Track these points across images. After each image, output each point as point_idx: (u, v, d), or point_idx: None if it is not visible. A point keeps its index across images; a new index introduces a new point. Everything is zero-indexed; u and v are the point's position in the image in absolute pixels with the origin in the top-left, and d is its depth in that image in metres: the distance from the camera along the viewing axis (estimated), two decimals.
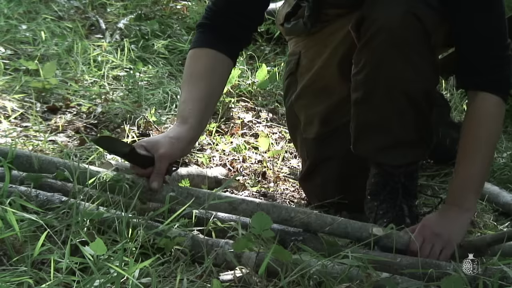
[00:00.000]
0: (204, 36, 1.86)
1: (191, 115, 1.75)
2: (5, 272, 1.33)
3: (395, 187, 1.85)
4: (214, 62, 1.83)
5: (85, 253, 1.35)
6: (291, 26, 2.09)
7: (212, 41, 1.84)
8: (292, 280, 1.43)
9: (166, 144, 1.68)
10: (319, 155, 2.07)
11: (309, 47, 2.09)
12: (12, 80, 2.67)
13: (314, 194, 2.10)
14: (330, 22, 2.02)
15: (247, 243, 1.48)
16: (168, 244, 1.52)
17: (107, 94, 2.70)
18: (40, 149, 2.16)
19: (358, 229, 1.67)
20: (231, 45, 1.85)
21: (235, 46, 1.87)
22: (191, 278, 1.44)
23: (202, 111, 1.78)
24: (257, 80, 2.99)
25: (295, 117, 2.14)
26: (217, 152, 2.44)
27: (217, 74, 1.83)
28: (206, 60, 1.83)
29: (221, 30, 1.84)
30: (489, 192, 2.10)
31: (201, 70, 1.82)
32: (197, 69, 1.83)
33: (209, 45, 1.84)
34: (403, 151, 1.83)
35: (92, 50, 3.06)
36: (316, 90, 2.07)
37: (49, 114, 2.51)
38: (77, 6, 3.77)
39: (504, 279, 1.45)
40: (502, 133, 2.71)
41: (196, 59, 1.85)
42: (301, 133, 2.12)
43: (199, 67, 1.83)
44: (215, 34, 1.84)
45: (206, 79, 1.81)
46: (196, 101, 1.78)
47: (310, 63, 2.09)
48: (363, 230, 1.67)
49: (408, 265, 1.55)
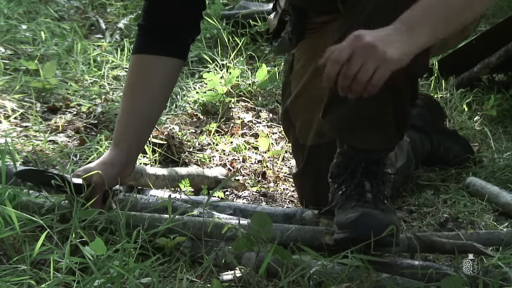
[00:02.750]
0: (141, 40, 1.79)
1: (123, 138, 1.72)
2: (5, 272, 1.33)
3: (355, 169, 1.64)
4: (152, 69, 1.75)
5: (85, 253, 1.35)
6: (278, 44, 2.01)
7: (150, 44, 1.76)
8: (292, 280, 1.43)
9: (100, 171, 1.65)
10: (313, 161, 2.02)
11: (302, 50, 2.02)
12: (12, 80, 2.67)
13: (306, 193, 2.07)
14: (318, 30, 1.94)
15: (247, 243, 1.48)
16: (168, 244, 1.52)
17: (107, 94, 2.70)
18: (40, 149, 2.16)
19: (310, 239, 1.59)
20: (174, 44, 1.77)
21: (179, 42, 1.79)
22: (191, 278, 1.44)
23: (138, 130, 1.74)
24: (257, 80, 2.99)
25: (290, 123, 2.07)
26: (217, 152, 2.44)
27: (157, 81, 1.75)
28: (144, 69, 1.76)
29: (160, 30, 1.76)
30: (489, 192, 2.10)
31: (138, 81, 1.76)
32: (134, 80, 1.77)
33: (147, 51, 1.76)
34: (365, 133, 1.62)
35: (92, 50, 3.06)
36: (309, 99, 1.98)
37: (49, 114, 2.51)
38: (77, 6, 3.77)
39: (505, 280, 1.45)
40: (503, 133, 2.71)
41: (134, 68, 1.78)
42: (296, 138, 2.07)
43: (136, 77, 1.76)
44: (154, 35, 1.76)
45: (144, 90, 1.74)
46: (131, 120, 1.73)
47: (302, 69, 2.01)
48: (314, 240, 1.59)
49: (408, 266, 1.54)
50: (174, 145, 2.36)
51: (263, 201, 2.14)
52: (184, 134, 2.48)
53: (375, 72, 1.38)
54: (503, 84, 3.21)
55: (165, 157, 2.31)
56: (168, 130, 2.41)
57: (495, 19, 4.03)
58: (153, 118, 1.82)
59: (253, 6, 3.63)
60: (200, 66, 3.15)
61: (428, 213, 2.05)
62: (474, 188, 2.17)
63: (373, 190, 1.60)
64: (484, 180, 2.21)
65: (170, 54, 1.77)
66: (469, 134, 2.71)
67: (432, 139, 2.36)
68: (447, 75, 3.12)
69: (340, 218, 1.57)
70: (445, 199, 2.15)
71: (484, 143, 2.64)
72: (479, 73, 3.08)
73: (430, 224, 1.96)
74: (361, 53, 1.38)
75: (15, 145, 2.13)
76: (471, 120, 2.86)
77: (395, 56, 1.39)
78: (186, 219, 1.58)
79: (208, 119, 2.69)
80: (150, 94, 1.76)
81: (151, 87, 1.76)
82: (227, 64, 3.04)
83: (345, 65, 1.39)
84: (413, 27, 1.43)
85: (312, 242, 1.57)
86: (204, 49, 3.21)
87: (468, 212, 2.03)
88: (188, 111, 2.72)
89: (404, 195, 2.18)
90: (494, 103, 2.93)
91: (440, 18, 1.45)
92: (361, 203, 1.57)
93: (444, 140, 2.39)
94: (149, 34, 1.78)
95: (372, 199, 1.58)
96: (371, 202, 1.58)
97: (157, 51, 1.76)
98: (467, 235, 1.67)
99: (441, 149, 2.37)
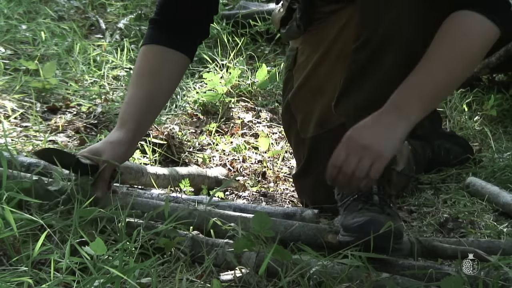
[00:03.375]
0: (153, 32, 1.83)
1: (130, 118, 1.74)
2: (5, 272, 1.33)
3: None
4: (162, 59, 1.79)
5: (83, 254, 1.35)
6: (286, 31, 2.05)
7: (162, 37, 1.80)
8: (292, 280, 1.43)
9: (107, 150, 1.66)
10: (315, 154, 2.03)
11: (306, 43, 2.05)
12: (12, 80, 2.67)
13: (306, 193, 2.08)
14: (325, 19, 1.98)
15: (247, 243, 1.48)
16: (168, 244, 1.52)
17: (107, 94, 2.70)
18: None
19: (313, 236, 1.60)
20: (184, 40, 1.81)
21: (189, 40, 1.83)
22: (191, 278, 1.44)
23: (144, 113, 1.76)
24: (257, 80, 2.99)
25: (291, 117, 2.09)
26: (217, 152, 2.44)
27: (166, 72, 1.79)
28: (154, 58, 1.80)
29: (172, 25, 1.80)
30: (489, 192, 2.10)
31: (148, 69, 1.79)
32: (144, 67, 1.80)
33: (159, 42, 1.80)
34: None
35: (92, 50, 3.06)
36: (311, 89, 2.02)
37: (49, 114, 2.51)
38: (77, 6, 3.77)
39: (506, 280, 1.45)
40: (503, 133, 2.71)
41: (144, 57, 1.81)
42: (297, 133, 2.09)
43: (146, 65, 1.80)
44: (166, 29, 1.80)
45: (153, 78, 1.78)
46: (138, 102, 1.76)
47: (306, 59, 2.05)
48: (317, 238, 1.60)
49: (409, 266, 1.55)
50: (174, 145, 2.36)
51: (263, 201, 2.14)
52: (184, 134, 2.48)
53: (371, 168, 1.47)
54: (503, 84, 3.21)
55: (165, 157, 2.31)
56: (168, 130, 2.41)
57: None
58: (159, 106, 1.85)
59: (253, 6, 3.64)
60: (200, 66, 3.15)
61: (428, 213, 2.05)
62: (474, 188, 2.17)
63: (380, 192, 1.62)
64: (484, 180, 2.21)
65: (179, 48, 1.80)
66: (469, 134, 2.71)
67: (433, 146, 2.36)
68: None
69: (346, 220, 1.59)
70: (445, 199, 2.15)
71: (484, 143, 2.64)
72: (479, 73, 3.08)
73: (430, 224, 1.96)
74: (356, 153, 1.47)
75: (15, 145, 2.13)
76: (471, 120, 2.86)
77: (388, 151, 1.48)
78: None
79: (208, 119, 2.69)
80: (159, 82, 1.79)
81: (160, 76, 1.79)
82: (227, 64, 3.04)
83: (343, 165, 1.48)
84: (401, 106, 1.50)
85: (315, 239, 1.59)
86: (204, 49, 3.21)
87: (468, 212, 2.03)
88: (188, 111, 2.72)
89: (404, 195, 2.18)
90: (494, 103, 2.93)
91: (428, 92, 1.51)
92: (368, 206, 1.60)
93: (443, 143, 2.40)
94: (161, 27, 1.82)
95: (378, 202, 1.61)
96: (378, 205, 1.60)
97: (168, 43, 1.79)
98: (468, 243, 1.67)
99: (442, 153, 2.38)
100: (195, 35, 1.85)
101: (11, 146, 1.89)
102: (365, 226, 1.52)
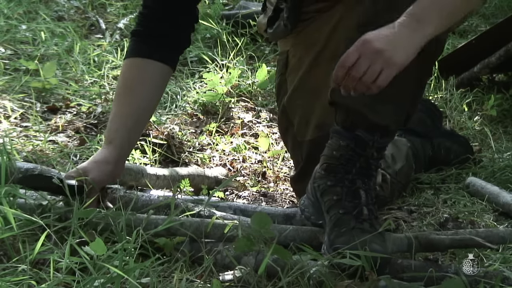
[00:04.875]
0: (135, 45, 1.84)
1: (117, 135, 1.75)
2: (5, 272, 1.33)
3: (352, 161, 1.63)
4: (145, 72, 1.80)
5: (82, 254, 1.35)
6: (273, 31, 2.04)
7: (143, 48, 1.82)
8: (292, 280, 1.43)
9: (94, 170, 1.67)
10: (313, 157, 2.01)
11: (297, 45, 2.03)
12: (12, 80, 2.67)
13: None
14: (312, 19, 1.96)
15: (247, 243, 1.48)
16: (168, 244, 1.52)
17: (107, 94, 2.70)
18: (40, 149, 2.16)
19: (308, 239, 1.60)
20: (165, 50, 1.82)
21: (171, 50, 1.85)
22: (191, 278, 1.44)
23: (130, 129, 1.77)
24: (257, 80, 2.99)
25: (287, 120, 2.06)
26: (217, 152, 2.44)
27: (149, 85, 1.81)
28: (137, 71, 1.81)
29: (154, 35, 1.82)
30: (489, 192, 2.10)
31: (130, 83, 1.81)
32: (127, 82, 1.82)
33: (140, 54, 1.82)
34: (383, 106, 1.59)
35: (92, 50, 3.06)
36: (307, 91, 1.99)
37: (49, 114, 2.51)
38: (77, 6, 3.77)
39: (506, 280, 1.45)
40: (503, 133, 2.71)
41: (127, 71, 1.83)
42: (294, 136, 2.07)
43: (129, 80, 1.82)
44: (147, 40, 1.82)
45: (136, 92, 1.79)
46: (124, 119, 1.77)
47: (299, 61, 2.02)
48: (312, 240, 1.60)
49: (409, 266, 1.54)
50: (174, 145, 2.36)
51: (263, 201, 2.14)
52: (184, 134, 2.48)
53: (380, 74, 1.42)
54: (503, 84, 3.21)
55: (165, 157, 2.31)
56: (168, 130, 2.41)
57: (495, 19, 4.04)
58: (145, 119, 1.86)
59: (253, 6, 3.63)
60: (200, 66, 3.15)
61: (428, 213, 2.05)
62: (474, 188, 2.17)
63: (368, 202, 1.60)
64: (484, 180, 2.21)
65: (161, 59, 1.82)
66: (469, 134, 2.71)
67: (433, 143, 2.35)
68: (447, 75, 3.13)
69: (338, 239, 1.56)
70: (445, 199, 2.15)
71: (484, 143, 2.64)
72: (479, 73, 3.08)
73: (430, 224, 1.96)
74: (368, 57, 1.42)
75: (15, 145, 2.13)
76: (471, 120, 2.86)
77: (401, 60, 1.43)
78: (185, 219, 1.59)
79: (208, 119, 2.69)
80: (142, 95, 1.81)
81: (143, 88, 1.81)
82: (227, 64, 3.04)
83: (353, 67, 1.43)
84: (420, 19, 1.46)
85: (310, 242, 1.58)
86: (204, 49, 3.21)
87: (468, 212, 2.03)
88: (188, 111, 2.72)
89: (404, 195, 2.18)
90: (494, 103, 2.93)
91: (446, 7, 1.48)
92: (359, 224, 1.57)
93: (444, 141, 2.39)
94: (142, 40, 1.84)
95: (368, 216, 1.58)
96: (367, 220, 1.58)
97: (150, 55, 1.81)
98: (466, 233, 1.66)
99: (442, 151, 2.37)
100: (177, 45, 1.87)
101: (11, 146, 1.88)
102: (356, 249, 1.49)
